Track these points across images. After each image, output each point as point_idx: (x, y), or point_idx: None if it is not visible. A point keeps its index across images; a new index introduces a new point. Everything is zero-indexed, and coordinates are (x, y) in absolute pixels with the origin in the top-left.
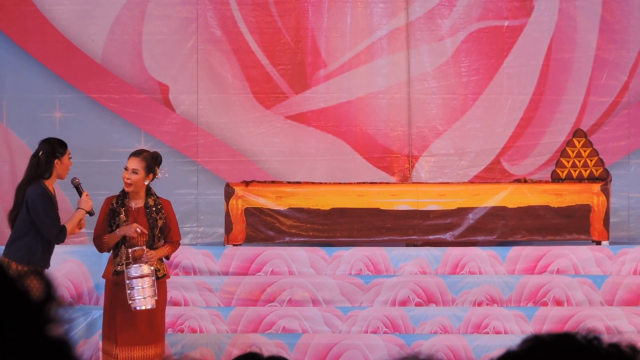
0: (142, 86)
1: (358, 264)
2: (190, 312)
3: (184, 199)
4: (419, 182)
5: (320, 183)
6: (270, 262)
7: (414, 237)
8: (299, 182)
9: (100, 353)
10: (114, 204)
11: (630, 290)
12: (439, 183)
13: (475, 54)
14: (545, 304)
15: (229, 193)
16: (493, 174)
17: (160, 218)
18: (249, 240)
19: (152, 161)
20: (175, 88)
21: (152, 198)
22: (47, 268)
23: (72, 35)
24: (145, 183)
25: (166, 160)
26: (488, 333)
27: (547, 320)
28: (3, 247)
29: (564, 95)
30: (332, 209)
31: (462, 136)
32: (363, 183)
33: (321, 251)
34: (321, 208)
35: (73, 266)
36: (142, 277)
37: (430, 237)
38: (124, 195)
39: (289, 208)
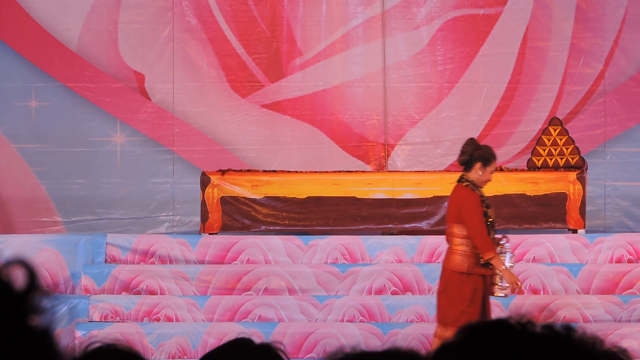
0: (118, 75)
1: (334, 252)
2: (166, 300)
3: (159, 187)
4: (395, 171)
5: (296, 172)
6: (246, 251)
7: (389, 225)
8: (275, 171)
9: (77, 342)
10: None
11: (606, 279)
12: (415, 171)
13: (451, 42)
14: (521, 292)
15: (204, 182)
16: None
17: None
18: (225, 229)
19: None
20: (151, 77)
21: None
22: None
23: (48, 24)
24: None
25: (142, 149)
26: None
27: (523, 309)
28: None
29: (540, 84)
30: (308, 197)
31: (438, 125)
32: (339, 172)
33: (297, 240)
34: (297, 197)
35: (49, 255)
36: (511, 267)
37: (406, 225)
38: (479, 191)
39: (265, 197)
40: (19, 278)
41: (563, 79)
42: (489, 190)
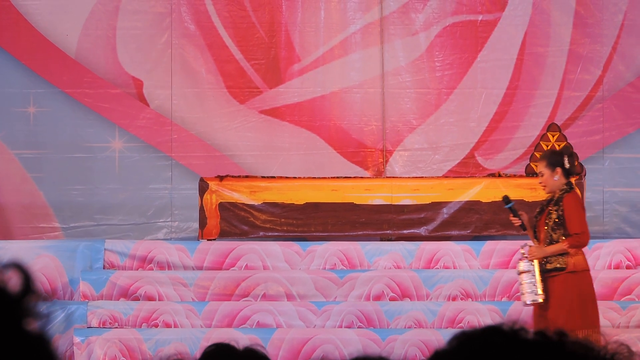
0: (116, 81)
1: (332, 258)
2: (164, 307)
3: (158, 193)
4: (393, 177)
5: (295, 178)
6: (245, 257)
7: (388, 231)
8: (273, 177)
9: (75, 347)
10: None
11: (605, 285)
12: (413, 177)
13: (449, 48)
14: (519, 298)
15: (203, 188)
16: (467, 168)
17: (555, 211)
18: (223, 235)
19: (552, 156)
20: (150, 83)
21: (560, 192)
22: None
23: (46, 30)
24: (555, 179)
25: (140, 155)
26: (462, 327)
27: (521, 315)
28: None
29: (538, 90)
30: (306, 203)
31: (436, 130)
32: (337, 178)
33: (295, 246)
34: (295, 202)
35: (47, 261)
36: (520, 273)
37: (405, 231)
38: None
39: (263, 203)
40: (14, 282)
41: (561, 85)
42: (486, 197)
